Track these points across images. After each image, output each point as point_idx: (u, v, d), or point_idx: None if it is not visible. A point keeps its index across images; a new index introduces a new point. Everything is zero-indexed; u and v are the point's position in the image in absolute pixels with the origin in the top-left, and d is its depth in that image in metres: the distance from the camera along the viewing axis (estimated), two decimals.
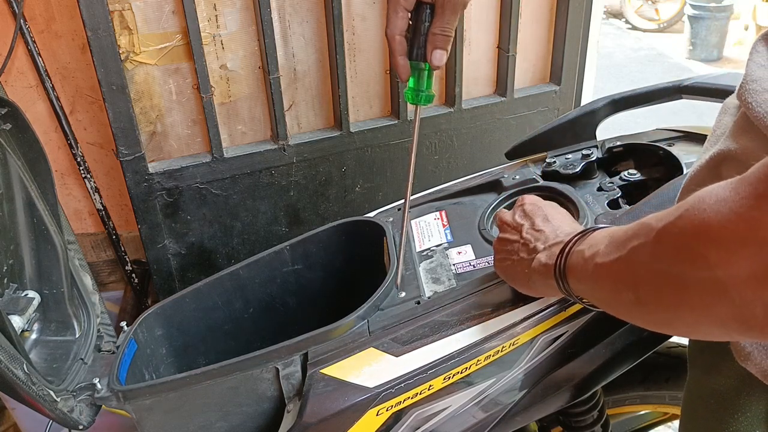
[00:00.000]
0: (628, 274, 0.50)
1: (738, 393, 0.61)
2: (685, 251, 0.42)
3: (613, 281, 0.52)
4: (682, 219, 0.43)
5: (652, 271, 0.46)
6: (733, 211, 0.38)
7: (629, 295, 0.50)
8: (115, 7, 1.26)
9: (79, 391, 0.90)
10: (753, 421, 0.60)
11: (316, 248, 1.08)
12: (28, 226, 0.94)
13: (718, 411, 0.63)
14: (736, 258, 0.38)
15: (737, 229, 0.38)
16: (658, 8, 5.77)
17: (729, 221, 0.39)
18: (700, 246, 0.41)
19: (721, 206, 0.39)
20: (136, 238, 1.63)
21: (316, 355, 0.84)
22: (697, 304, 0.43)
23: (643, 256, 0.47)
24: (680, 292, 0.44)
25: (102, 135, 1.53)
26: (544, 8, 1.67)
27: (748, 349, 0.55)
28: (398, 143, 1.60)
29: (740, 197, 0.38)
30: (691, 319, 0.44)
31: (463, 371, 0.81)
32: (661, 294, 0.46)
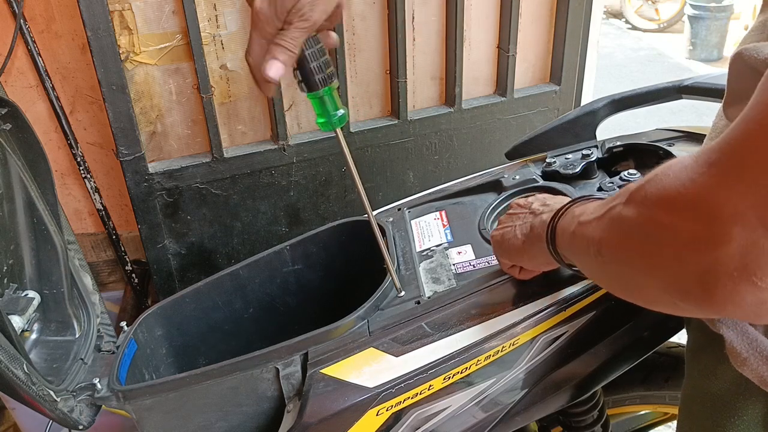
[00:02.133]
0: (597, 231, 0.52)
1: (735, 396, 0.61)
2: (645, 212, 0.44)
3: (586, 238, 0.55)
4: (649, 183, 0.44)
5: (616, 229, 0.49)
6: (690, 177, 0.40)
7: (593, 250, 0.52)
8: (115, 7, 1.26)
9: (79, 391, 0.90)
10: (750, 425, 0.60)
11: (316, 248, 1.08)
12: (28, 226, 0.94)
13: (714, 414, 0.63)
14: (683, 223, 0.40)
15: (689, 194, 0.40)
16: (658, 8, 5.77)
17: (683, 187, 0.40)
18: (656, 208, 0.42)
19: (681, 173, 0.41)
20: (136, 238, 1.63)
21: (316, 355, 0.84)
22: (645, 265, 0.45)
23: (614, 215, 0.49)
24: (634, 251, 0.46)
25: (102, 135, 1.53)
26: (544, 8, 1.67)
27: (744, 354, 0.55)
28: (398, 143, 1.61)
29: (698, 165, 0.40)
30: (641, 280, 0.46)
31: (463, 371, 0.81)
32: (619, 250, 0.48)
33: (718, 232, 0.37)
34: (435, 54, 1.60)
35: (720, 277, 0.38)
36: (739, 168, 0.37)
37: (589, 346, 0.85)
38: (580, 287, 0.82)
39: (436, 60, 1.61)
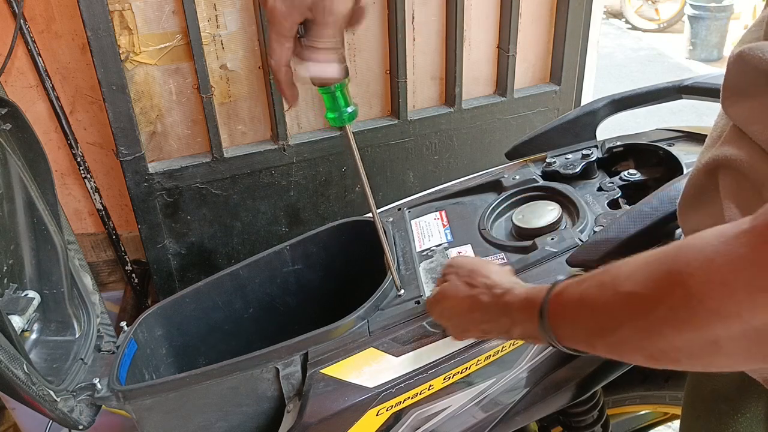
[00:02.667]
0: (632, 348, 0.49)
1: (738, 394, 0.61)
2: (712, 318, 0.42)
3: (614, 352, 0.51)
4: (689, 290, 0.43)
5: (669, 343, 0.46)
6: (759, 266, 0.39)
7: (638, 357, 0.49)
8: (115, 7, 1.26)
9: (79, 391, 0.90)
10: (752, 422, 0.61)
11: (316, 248, 1.08)
12: (28, 226, 0.94)
13: (718, 411, 0.63)
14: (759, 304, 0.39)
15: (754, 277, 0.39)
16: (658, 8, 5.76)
17: (758, 278, 0.39)
18: (730, 308, 0.41)
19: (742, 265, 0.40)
20: (136, 238, 1.63)
21: (316, 355, 0.84)
22: (736, 352, 0.43)
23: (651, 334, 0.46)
24: (713, 350, 0.44)
25: (102, 135, 1.53)
26: (544, 8, 1.67)
27: None
28: (398, 143, 1.60)
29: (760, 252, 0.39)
30: (730, 363, 0.45)
31: (463, 371, 0.81)
32: (687, 356, 0.46)
33: None
34: (435, 54, 1.60)
35: None
36: None
37: None
38: None
39: (436, 60, 1.61)
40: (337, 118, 0.81)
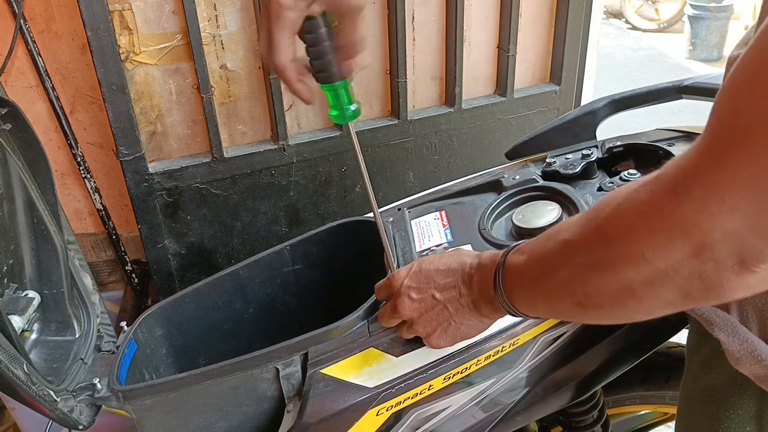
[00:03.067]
0: (567, 290, 0.53)
1: (730, 390, 0.62)
2: (621, 259, 0.46)
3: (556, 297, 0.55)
4: (606, 233, 0.47)
5: (592, 286, 0.50)
6: (658, 210, 0.43)
7: (578, 304, 0.53)
8: (115, 7, 1.26)
9: (79, 391, 0.90)
10: (744, 418, 0.61)
11: (316, 248, 1.08)
12: (28, 226, 0.94)
13: (711, 408, 0.64)
14: (669, 248, 0.43)
15: (666, 225, 0.43)
16: (658, 8, 5.77)
17: (656, 220, 0.43)
18: (635, 249, 0.45)
19: (644, 209, 0.44)
20: (136, 238, 1.63)
21: (316, 355, 0.84)
22: (646, 294, 0.47)
23: (578, 277, 0.51)
24: (627, 292, 0.48)
25: (102, 135, 1.53)
26: (544, 8, 1.67)
27: (737, 354, 0.56)
28: (398, 143, 1.61)
29: (659, 197, 0.43)
30: (642, 308, 0.49)
31: (463, 371, 0.81)
32: (607, 299, 0.50)
33: (709, 245, 0.41)
34: (435, 54, 1.60)
35: (721, 274, 0.42)
36: (717, 195, 0.40)
37: (589, 346, 0.85)
38: None
39: (436, 60, 1.61)
40: (339, 116, 0.80)
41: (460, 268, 0.68)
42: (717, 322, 0.59)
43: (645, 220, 0.44)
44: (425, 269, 0.72)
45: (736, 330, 0.57)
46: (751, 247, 0.40)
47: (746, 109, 0.39)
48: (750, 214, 0.39)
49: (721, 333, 0.58)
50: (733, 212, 0.40)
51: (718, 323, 0.58)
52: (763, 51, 0.38)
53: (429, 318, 0.71)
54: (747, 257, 0.41)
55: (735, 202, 0.40)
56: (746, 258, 0.41)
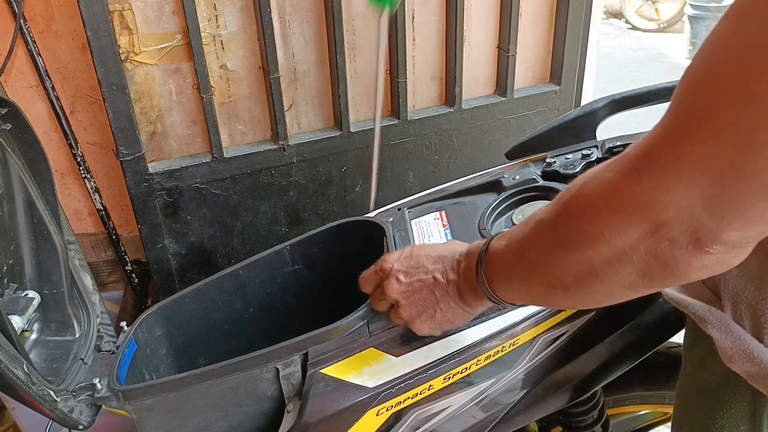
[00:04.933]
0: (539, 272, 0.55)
1: (724, 390, 0.62)
2: (582, 237, 0.48)
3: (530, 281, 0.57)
4: (572, 207, 0.49)
5: (558, 261, 0.52)
6: (617, 189, 0.44)
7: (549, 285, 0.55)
8: (115, 7, 1.26)
9: (79, 391, 0.90)
10: (737, 418, 0.61)
11: (316, 248, 1.08)
12: (28, 226, 0.94)
13: (705, 407, 0.64)
14: (627, 226, 0.44)
15: (624, 203, 0.44)
16: (658, 8, 5.76)
17: (615, 198, 0.45)
18: (594, 227, 0.47)
19: (605, 187, 0.45)
20: (136, 238, 1.63)
21: (316, 355, 0.84)
22: (607, 274, 0.48)
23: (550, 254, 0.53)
24: (589, 271, 0.49)
25: (102, 135, 1.53)
26: (544, 8, 1.67)
27: (729, 352, 0.57)
28: (398, 143, 1.61)
29: (621, 175, 0.44)
30: (604, 289, 0.50)
31: (463, 371, 0.81)
32: (573, 279, 0.51)
33: (664, 223, 0.42)
34: (435, 54, 1.60)
35: (676, 254, 0.43)
36: (673, 171, 0.41)
37: (589, 346, 0.85)
38: None
39: (436, 60, 1.61)
40: (380, 1, 0.86)
41: (451, 255, 0.70)
42: (710, 319, 0.59)
43: (604, 198, 0.45)
44: (416, 254, 0.73)
45: (729, 328, 0.57)
46: (704, 226, 0.41)
47: (701, 91, 0.40)
48: (704, 193, 0.40)
49: (714, 330, 0.58)
50: (688, 190, 0.41)
51: (711, 321, 0.59)
52: (718, 39, 0.40)
53: (414, 301, 0.72)
54: (701, 236, 0.42)
55: (690, 180, 0.40)
56: (700, 237, 0.42)
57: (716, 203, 0.40)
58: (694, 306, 0.61)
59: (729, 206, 0.40)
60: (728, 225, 0.41)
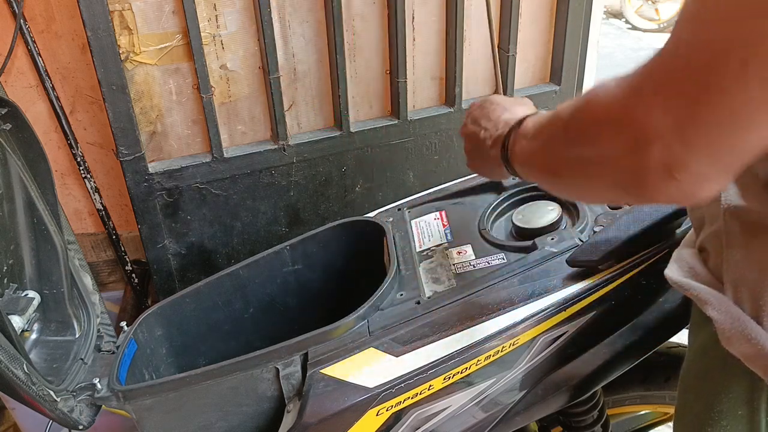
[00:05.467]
0: (545, 154, 0.63)
1: (723, 374, 0.63)
2: (584, 135, 0.54)
3: (537, 161, 0.65)
4: (581, 110, 0.54)
5: (561, 150, 0.58)
6: (616, 100, 0.48)
7: (547, 170, 0.62)
8: (115, 7, 1.26)
9: (79, 391, 0.90)
10: (736, 402, 0.62)
11: (316, 248, 1.08)
12: (28, 226, 0.94)
13: (705, 391, 0.65)
14: (617, 137, 0.49)
15: (618, 114, 0.48)
16: (658, 8, 5.76)
17: (612, 108, 0.49)
18: (592, 127, 0.52)
19: (608, 97, 0.50)
20: (136, 238, 1.63)
21: (316, 355, 0.84)
22: (594, 173, 0.54)
23: (557, 144, 0.59)
24: (583, 166, 0.55)
25: (102, 135, 1.53)
26: (544, 8, 1.66)
27: (728, 333, 0.58)
28: (398, 143, 1.60)
29: (621, 89, 0.48)
30: (592, 185, 0.56)
31: (463, 371, 0.81)
32: (572, 170, 0.57)
33: (643, 143, 0.46)
34: (435, 54, 1.60)
35: (649, 175, 0.47)
36: (656, 90, 0.45)
37: (589, 346, 0.85)
38: (580, 287, 0.82)
39: (436, 60, 1.61)
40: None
41: (504, 121, 0.77)
42: (711, 301, 0.60)
43: (605, 108, 0.50)
44: (487, 107, 0.83)
45: (728, 309, 0.59)
46: (675, 152, 0.45)
47: (687, 28, 0.44)
48: (677, 119, 0.44)
49: (714, 312, 0.59)
50: (665, 115, 0.44)
51: (712, 302, 0.60)
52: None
53: (468, 143, 0.84)
54: (671, 162, 0.45)
55: (668, 106, 0.44)
56: (670, 163, 0.45)
57: (686, 131, 0.43)
58: (696, 289, 0.62)
59: (697, 135, 0.43)
60: (695, 154, 0.44)
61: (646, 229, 0.80)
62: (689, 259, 0.65)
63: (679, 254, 0.68)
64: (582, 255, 0.83)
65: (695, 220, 0.67)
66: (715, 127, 0.42)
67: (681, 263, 0.66)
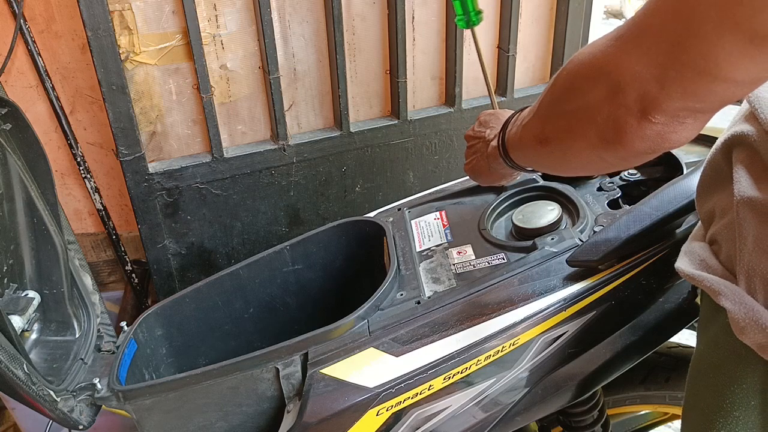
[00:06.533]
0: (537, 121, 0.65)
1: (736, 366, 0.63)
2: (569, 87, 0.56)
3: (529, 132, 0.67)
4: (570, 62, 0.56)
5: (550, 111, 0.61)
6: (599, 49, 0.51)
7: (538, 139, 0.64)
8: (115, 7, 1.26)
9: (79, 391, 0.90)
10: (748, 392, 0.62)
11: (316, 248, 1.08)
12: (28, 226, 0.94)
13: (717, 383, 0.65)
14: (597, 83, 0.51)
15: (599, 62, 0.51)
16: None
17: (595, 57, 0.52)
18: (577, 80, 0.55)
19: (593, 48, 0.52)
20: (136, 238, 1.63)
21: (316, 355, 0.84)
22: (577, 131, 0.56)
23: (545, 101, 0.62)
24: (567, 122, 0.57)
25: (102, 135, 1.53)
26: (544, 8, 1.67)
27: (741, 323, 0.58)
28: (398, 143, 1.61)
29: (603, 42, 0.51)
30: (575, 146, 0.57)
31: (463, 371, 0.81)
32: (558, 130, 0.60)
33: (621, 86, 0.49)
34: (435, 54, 1.60)
35: (627, 119, 0.50)
36: (636, 39, 0.48)
37: (590, 346, 0.85)
38: (580, 287, 0.82)
39: (436, 60, 1.61)
40: (465, 22, 0.99)
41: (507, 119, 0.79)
42: (724, 292, 0.60)
43: (589, 57, 0.53)
44: (497, 113, 0.88)
45: (742, 299, 0.58)
46: (650, 93, 0.47)
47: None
48: (654, 61, 0.46)
49: (727, 302, 0.59)
50: (643, 56, 0.47)
51: (725, 293, 0.60)
52: None
53: (470, 146, 0.90)
54: (647, 104, 0.48)
55: (646, 48, 0.47)
56: (647, 105, 0.48)
57: (662, 72, 0.46)
58: (709, 280, 0.62)
59: (671, 76, 0.46)
60: (669, 95, 0.47)
61: (646, 229, 0.80)
62: (700, 252, 0.65)
63: (689, 247, 0.68)
64: (582, 255, 0.83)
65: (704, 213, 0.67)
66: (688, 69, 0.45)
67: (692, 256, 0.66)
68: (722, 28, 0.42)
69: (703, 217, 0.68)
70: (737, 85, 0.46)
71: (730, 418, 0.63)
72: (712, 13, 0.42)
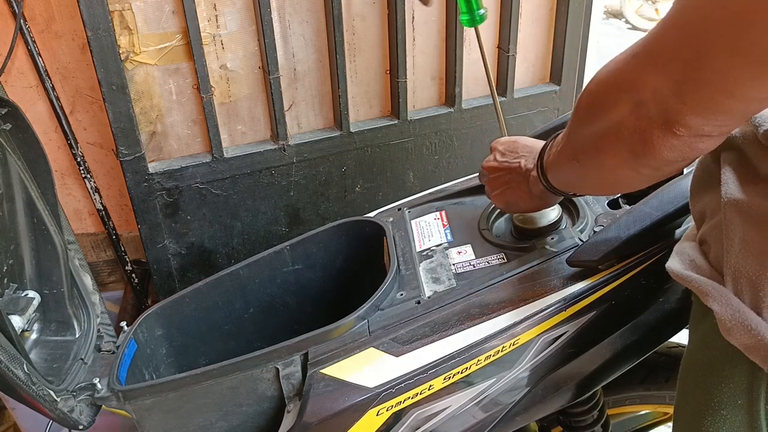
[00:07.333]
0: (568, 145, 0.66)
1: (723, 364, 0.63)
2: (592, 107, 0.57)
3: (564, 157, 0.68)
4: (591, 82, 0.57)
5: (579, 134, 0.62)
6: (618, 67, 0.53)
7: (574, 163, 0.64)
8: (115, 7, 1.26)
9: (79, 391, 0.90)
10: (736, 391, 0.63)
11: (316, 248, 1.08)
12: (28, 226, 0.94)
13: (705, 383, 0.66)
14: (619, 101, 0.52)
15: (619, 81, 0.52)
16: (658, 8, 5.76)
17: (615, 76, 0.53)
18: (599, 100, 0.55)
19: (612, 66, 0.54)
20: (136, 238, 1.63)
21: (316, 355, 0.84)
22: (606, 148, 0.56)
23: (573, 125, 0.63)
24: (596, 145, 0.58)
25: (102, 135, 1.53)
26: (544, 8, 1.67)
27: (728, 324, 0.58)
28: (398, 143, 1.61)
29: (623, 60, 0.52)
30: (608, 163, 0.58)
31: (463, 371, 0.81)
32: (589, 150, 0.60)
33: (643, 101, 0.50)
34: (435, 54, 1.60)
35: (653, 131, 0.50)
36: (653, 57, 0.49)
37: (590, 346, 0.85)
38: (580, 287, 0.82)
39: (436, 60, 1.61)
40: (470, 20, 0.97)
41: (539, 147, 0.79)
42: (712, 293, 0.61)
43: (609, 75, 0.54)
44: (517, 141, 0.87)
45: (729, 300, 0.59)
46: (672, 108, 0.48)
47: None
48: (673, 78, 0.47)
49: (714, 303, 0.60)
50: (661, 74, 0.48)
51: (712, 294, 0.61)
52: None
53: (497, 177, 0.87)
54: (670, 117, 0.49)
55: (663, 66, 0.48)
56: (670, 118, 0.49)
57: (682, 88, 0.47)
58: (697, 281, 0.63)
59: (691, 92, 0.47)
60: (691, 110, 0.47)
61: (646, 229, 0.80)
62: (690, 252, 0.66)
63: (680, 247, 0.68)
64: (582, 255, 0.83)
65: (696, 213, 0.68)
66: (704, 87, 0.46)
67: (682, 256, 0.67)
68: (734, 49, 0.43)
69: (695, 217, 0.68)
70: (756, 101, 0.46)
71: (718, 417, 0.64)
72: (723, 34, 0.43)
